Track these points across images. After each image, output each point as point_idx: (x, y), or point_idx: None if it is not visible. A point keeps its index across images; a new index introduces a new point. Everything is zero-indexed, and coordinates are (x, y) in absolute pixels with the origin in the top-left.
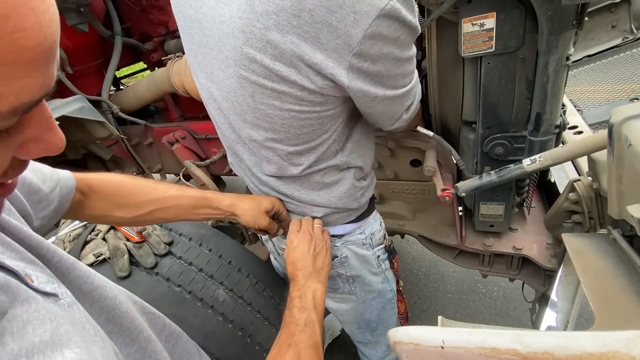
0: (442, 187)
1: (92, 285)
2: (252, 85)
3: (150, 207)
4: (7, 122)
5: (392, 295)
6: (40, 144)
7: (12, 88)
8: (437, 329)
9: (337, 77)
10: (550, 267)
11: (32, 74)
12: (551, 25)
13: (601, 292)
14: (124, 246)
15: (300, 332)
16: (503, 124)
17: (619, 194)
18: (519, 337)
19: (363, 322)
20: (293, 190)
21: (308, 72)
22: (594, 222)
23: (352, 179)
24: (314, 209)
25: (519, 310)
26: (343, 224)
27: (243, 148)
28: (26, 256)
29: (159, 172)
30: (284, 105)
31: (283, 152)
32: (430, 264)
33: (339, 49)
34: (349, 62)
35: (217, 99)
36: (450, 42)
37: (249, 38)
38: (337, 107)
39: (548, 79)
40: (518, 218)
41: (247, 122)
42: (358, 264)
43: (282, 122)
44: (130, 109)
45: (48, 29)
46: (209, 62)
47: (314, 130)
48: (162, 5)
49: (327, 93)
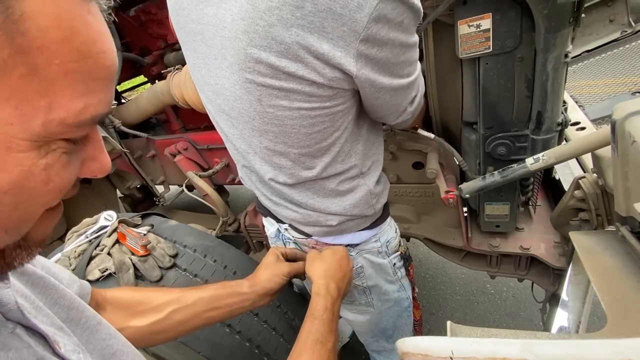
0: (446, 189)
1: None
2: (259, 88)
3: (168, 308)
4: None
5: (409, 303)
6: (96, 163)
7: (94, 100)
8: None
9: (345, 66)
10: (559, 266)
11: (106, 90)
12: (548, 23)
13: (612, 291)
14: (129, 260)
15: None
16: (504, 124)
17: (626, 191)
18: (528, 346)
19: (378, 331)
20: (307, 198)
21: (315, 64)
22: (601, 219)
23: (368, 185)
24: (329, 217)
25: (529, 310)
26: (358, 230)
27: (254, 157)
28: (56, 322)
29: (162, 183)
30: (292, 105)
31: (295, 155)
32: (437, 267)
33: (345, 37)
34: (356, 49)
35: (225, 109)
36: (447, 44)
37: (253, 38)
38: (346, 102)
39: (547, 77)
40: (524, 217)
41: (255, 129)
42: (374, 273)
43: (292, 122)
44: (132, 122)
45: (115, 53)
46: (214, 74)
47: (325, 129)
48: (161, 19)
49: (335, 86)
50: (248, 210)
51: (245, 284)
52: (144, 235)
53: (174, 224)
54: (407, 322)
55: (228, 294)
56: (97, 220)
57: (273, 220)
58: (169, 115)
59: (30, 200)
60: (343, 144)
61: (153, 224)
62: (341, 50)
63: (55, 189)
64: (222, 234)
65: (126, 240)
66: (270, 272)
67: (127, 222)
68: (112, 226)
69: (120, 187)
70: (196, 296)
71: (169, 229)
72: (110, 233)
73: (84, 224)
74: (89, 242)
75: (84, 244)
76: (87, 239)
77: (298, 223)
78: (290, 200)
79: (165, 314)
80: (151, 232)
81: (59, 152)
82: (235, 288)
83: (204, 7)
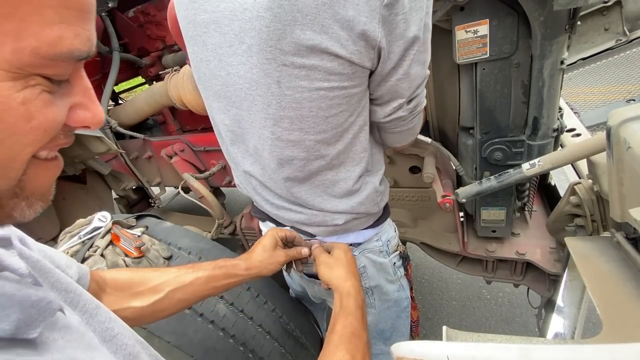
0: (442, 193)
1: (112, 331)
2: (279, 69)
3: (167, 288)
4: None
5: (407, 303)
6: (87, 112)
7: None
8: (442, 344)
9: (369, 32)
10: (555, 271)
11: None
12: (544, 30)
13: (607, 297)
14: (122, 262)
15: None
16: (501, 129)
17: (621, 197)
18: (525, 351)
19: (377, 333)
20: (315, 196)
21: (340, 35)
22: (596, 224)
23: (374, 183)
24: (336, 216)
25: (525, 316)
26: (362, 229)
27: (263, 153)
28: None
29: (158, 185)
30: (312, 84)
31: (311, 142)
32: (433, 272)
33: (370, 1)
34: (380, 14)
35: (235, 102)
36: (445, 50)
37: (277, 13)
38: (362, 84)
39: (544, 83)
40: (520, 223)
41: (269, 117)
42: (376, 273)
43: (310, 105)
44: (129, 123)
45: None
46: (226, 63)
47: (341, 112)
48: (160, 20)
49: (356, 61)
50: (244, 213)
51: (241, 265)
52: (138, 237)
53: (169, 225)
54: (405, 323)
55: (223, 275)
56: (90, 221)
57: (272, 224)
58: (166, 117)
59: (13, 138)
60: (357, 131)
61: (148, 225)
62: (366, 15)
63: (39, 127)
64: (218, 237)
65: (120, 242)
66: (266, 259)
67: (121, 224)
68: (106, 227)
69: (116, 188)
70: (193, 276)
71: (164, 231)
72: (104, 234)
73: (78, 225)
74: (82, 243)
75: (77, 245)
76: (80, 240)
77: (302, 224)
78: (295, 201)
79: (165, 294)
80: (146, 234)
81: (39, 89)
82: (231, 270)
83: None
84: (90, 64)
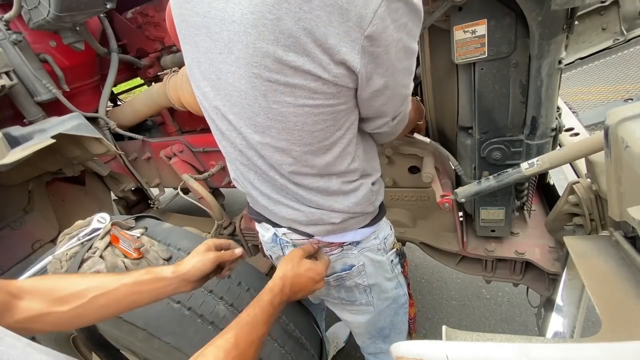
0: (442, 193)
1: None
2: (265, 84)
3: (90, 294)
4: None
5: (405, 300)
6: None
7: None
8: (441, 343)
9: (350, 62)
10: (554, 270)
11: None
12: (542, 30)
13: (606, 296)
14: (121, 263)
15: None
16: (499, 129)
17: (619, 196)
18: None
19: (376, 331)
20: (312, 195)
21: (322, 59)
22: (595, 224)
23: (368, 184)
24: (333, 215)
25: (524, 315)
26: (359, 228)
27: (255, 154)
28: None
29: (157, 186)
30: (297, 101)
31: (298, 153)
32: (432, 271)
33: (351, 32)
34: (361, 45)
35: (225, 105)
36: (443, 50)
37: (262, 32)
38: (349, 102)
39: (542, 83)
40: (519, 222)
41: (258, 125)
42: (374, 271)
43: (296, 119)
44: (127, 124)
45: None
46: (216, 68)
47: (327, 127)
48: (158, 21)
49: (340, 83)
50: (244, 214)
51: (169, 269)
52: (137, 238)
53: (168, 226)
54: (403, 320)
55: (150, 280)
56: (89, 223)
57: (268, 225)
58: (165, 118)
59: None
60: (346, 144)
61: (147, 226)
62: (347, 45)
63: None
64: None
65: (119, 243)
66: (196, 260)
67: (120, 225)
68: (105, 228)
69: (115, 190)
70: (119, 282)
71: (163, 232)
72: (103, 235)
73: (77, 226)
74: (81, 245)
75: (76, 247)
76: (79, 242)
77: (299, 223)
78: (293, 196)
79: (87, 300)
80: (145, 235)
81: None
82: (159, 273)
83: (212, 1)
84: (88, 65)
